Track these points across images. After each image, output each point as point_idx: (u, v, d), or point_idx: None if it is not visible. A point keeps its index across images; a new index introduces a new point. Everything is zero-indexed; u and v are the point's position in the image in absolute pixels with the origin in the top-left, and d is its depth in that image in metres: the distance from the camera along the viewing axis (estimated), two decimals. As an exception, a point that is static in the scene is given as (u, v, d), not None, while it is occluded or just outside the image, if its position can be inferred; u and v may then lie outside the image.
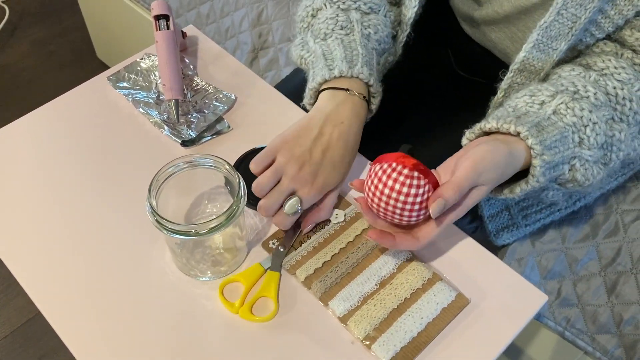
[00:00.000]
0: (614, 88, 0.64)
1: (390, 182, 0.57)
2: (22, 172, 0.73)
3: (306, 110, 0.73)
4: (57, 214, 0.69)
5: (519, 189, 0.62)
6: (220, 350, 0.59)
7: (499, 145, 0.59)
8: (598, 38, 0.68)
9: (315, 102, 0.70)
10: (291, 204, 0.64)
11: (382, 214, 0.60)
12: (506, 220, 0.84)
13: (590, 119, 0.61)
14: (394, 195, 0.57)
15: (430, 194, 0.58)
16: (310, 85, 0.70)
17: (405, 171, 0.57)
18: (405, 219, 0.59)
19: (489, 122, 0.62)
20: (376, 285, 0.63)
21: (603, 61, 0.66)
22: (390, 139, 0.85)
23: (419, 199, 0.57)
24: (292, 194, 0.64)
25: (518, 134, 0.60)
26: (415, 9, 0.75)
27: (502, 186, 0.64)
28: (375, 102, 0.71)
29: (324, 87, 0.69)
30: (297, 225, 0.66)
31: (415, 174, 0.57)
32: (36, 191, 0.71)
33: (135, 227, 0.68)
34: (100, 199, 0.70)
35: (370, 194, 0.59)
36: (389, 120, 0.84)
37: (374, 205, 0.60)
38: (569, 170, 0.62)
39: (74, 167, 0.73)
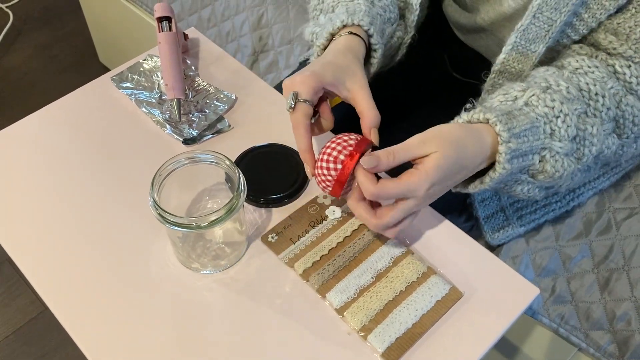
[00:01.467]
0: (587, 84, 0.64)
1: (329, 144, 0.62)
2: (27, 171, 0.75)
3: None
4: (63, 211, 0.71)
5: (489, 178, 0.61)
6: (220, 341, 0.61)
7: (454, 124, 0.61)
8: (574, 40, 0.70)
9: None
10: (287, 100, 0.63)
11: (319, 172, 0.62)
12: (501, 221, 0.85)
13: (561, 110, 0.62)
14: (327, 151, 0.62)
15: (355, 148, 0.61)
16: (317, 43, 0.70)
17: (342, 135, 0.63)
18: (333, 170, 0.61)
19: (461, 117, 0.63)
20: (372, 278, 0.64)
21: (577, 61, 0.67)
22: (387, 139, 0.86)
23: (342, 149, 0.61)
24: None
25: (487, 121, 0.60)
26: (417, 11, 0.78)
27: (473, 178, 0.64)
28: (376, 56, 0.71)
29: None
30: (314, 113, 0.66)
31: (350, 135, 0.62)
32: (41, 189, 0.73)
33: (138, 222, 0.69)
34: (104, 196, 0.72)
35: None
36: (386, 120, 0.86)
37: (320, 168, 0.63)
38: (540, 161, 0.62)
39: (78, 165, 0.75)
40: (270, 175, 0.73)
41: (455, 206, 0.91)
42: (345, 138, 0.62)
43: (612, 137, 0.67)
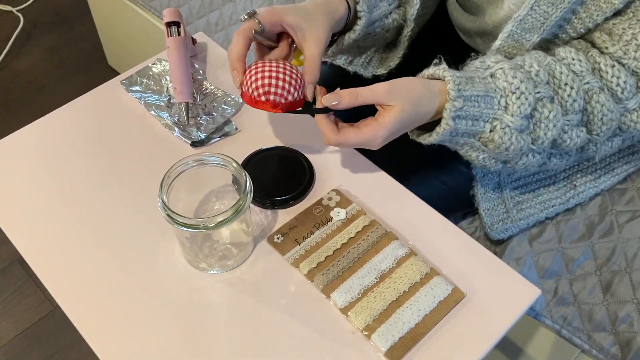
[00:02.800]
0: (561, 73, 0.67)
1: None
2: (38, 173, 0.76)
3: None
4: (73, 212, 0.72)
5: (435, 133, 0.66)
6: (226, 339, 0.62)
7: (419, 79, 0.66)
8: (572, 37, 0.72)
9: None
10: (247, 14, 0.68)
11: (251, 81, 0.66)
12: (502, 213, 0.86)
13: (518, 88, 0.65)
14: (273, 70, 0.66)
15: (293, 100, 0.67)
16: None
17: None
18: (276, 95, 0.66)
19: (427, 70, 0.68)
20: (376, 278, 0.65)
21: (564, 51, 0.70)
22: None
23: (292, 80, 0.66)
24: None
25: (444, 78, 0.65)
26: (417, 5, 0.80)
27: (425, 131, 0.69)
28: (360, 24, 0.75)
29: None
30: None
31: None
32: (52, 191, 0.74)
33: (147, 223, 0.71)
34: (114, 197, 0.73)
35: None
36: None
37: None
38: (490, 130, 0.66)
39: (88, 167, 0.77)
40: (276, 177, 0.74)
41: (458, 208, 0.92)
42: (292, 81, 0.66)
43: (579, 130, 0.70)
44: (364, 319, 0.62)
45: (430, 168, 0.86)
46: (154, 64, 0.88)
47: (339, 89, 0.66)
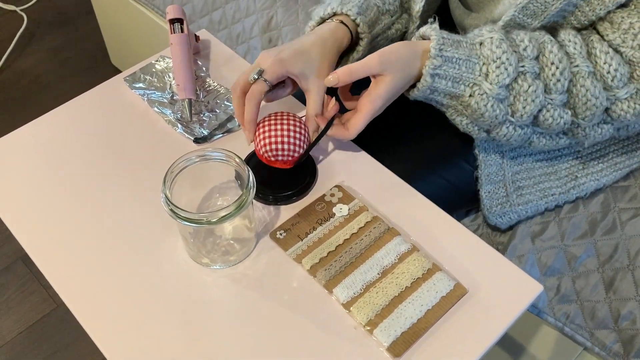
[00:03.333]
0: (550, 52, 0.69)
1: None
2: (42, 170, 0.77)
3: None
4: (76, 209, 0.73)
5: (416, 89, 0.70)
6: (229, 334, 0.62)
7: (406, 43, 0.69)
8: (576, 27, 0.73)
9: None
10: (253, 71, 0.71)
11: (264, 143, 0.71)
12: (502, 197, 0.87)
13: (499, 58, 0.68)
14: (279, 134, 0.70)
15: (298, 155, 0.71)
16: (309, 23, 0.79)
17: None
18: (285, 152, 0.70)
19: (419, 31, 0.71)
20: (378, 274, 0.66)
21: (564, 33, 0.72)
22: (392, 136, 0.88)
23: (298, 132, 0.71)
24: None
25: (430, 37, 0.69)
26: (422, 2, 0.81)
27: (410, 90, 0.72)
28: (362, 44, 0.79)
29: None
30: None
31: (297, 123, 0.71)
32: (56, 188, 0.75)
33: (150, 219, 0.71)
34: (117, 193, 0.74)
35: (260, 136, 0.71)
36: (394, 118, 0.87)
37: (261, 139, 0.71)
38: (470, 95, 0.69)
39: (91, 163, 0.77)
40: (278, 173, 0.74)
41: (461, 205, 0.92)
42: (297, 136, 0.71)
43: (563, 111, 0.72)
44: (367, 314, 0.62)
45: (433, 165, 0.87)
46: (157, 60, 0.88)
47: (337, 108, 0.73)
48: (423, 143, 0.71)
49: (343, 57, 0.82)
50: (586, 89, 0.70)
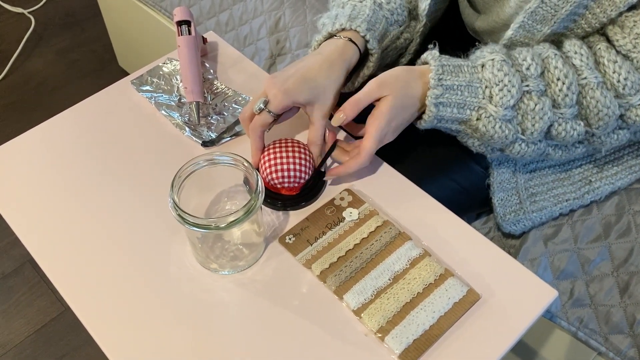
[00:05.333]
0: (555, 68, 0.69)
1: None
2: (49, 173, 0.76)
3: None
4: (83, 212, 0.72)
5: (422, 120, 0.71)
6: (238, 341, 0.62)
7: (404, 67, 0.70)
8: (587, 31, 0.72)
9: None
10: (258, 102, 0.70)
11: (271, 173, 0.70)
12: (515, 204, 0.85)
13: (502, 81, 0.68)
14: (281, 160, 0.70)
15: (302, 181, 0.71)
16: (316, 37, 0.77)
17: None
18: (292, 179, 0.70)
19: (421, 59, 0.72)
20: (389, 279, 0.64)
21: (569, 44, 0.71)
22: (402, 139, 0.87)
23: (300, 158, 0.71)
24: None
25: (430, 65, 0.69)
26: (428, 1, 0.80)
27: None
28: (372, 60, 0.78)
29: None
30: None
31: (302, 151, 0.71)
32: (62, 191, 0.74)
33: (157, 223, 0.70)
34: (125, 197, 0.73)
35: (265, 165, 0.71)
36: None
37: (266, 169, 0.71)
38: (477, 119, 0.70)
39: (98, 167, 0.76)
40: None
41: (472, 208, 0.91)
42: (301, 163, 0.71)
43: (575, 123, 0.71)
44: (378, 321, 0.61)
45: (443, 167, 0.85)
46: (164, 63, 0.88)
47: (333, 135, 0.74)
48: (433, 145, 0.70)
49: (353, 73, 0.80)
50: (596, 100, 0.69)
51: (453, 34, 0.94)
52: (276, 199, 0.71)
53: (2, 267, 1.46)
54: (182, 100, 0.83)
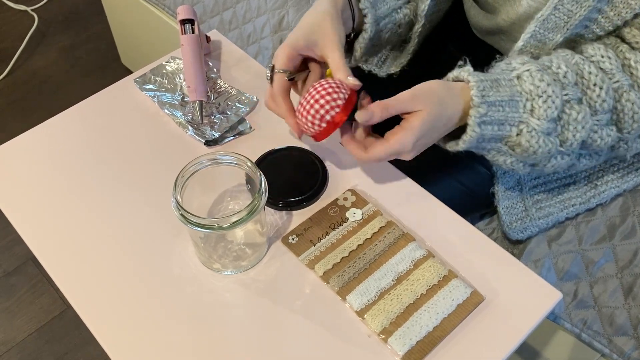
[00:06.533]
0: (590, 73, 0.66)
1: (318, 87, 0.66)
2: (51, 171, 0.76)
3: None
4: (86, 211, 0.72)
5: (462, 140, 0.66)
6: (240, 341, 0.61)
7: (440, 81, 0.66)
8: (600, 35, 0.70)
9: None
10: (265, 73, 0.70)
11: (305, 112, 0.66)
12: (520, 212, 0.85)
13: (545, 91, 0.64)
14: (316, 103, 0.66)
15: (344, 100, 0.66)
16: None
17: (330, 80, 0.67)
18: (323, 122, 0.66)
19: (452, 73, 0.67)
20: (393, 281, 0.64)
21: (593, 49, 0.68)
22: None
23: (335, 97, 0.65)
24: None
25: (468, 82, 0.64)
26: (429, 1, 0.79)
27: (452, 139, 0.68)
28: (367, 21, 0.75)
29: None
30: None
31: (334, 85, 0.66)
32: (65, 189, 0.74)
33: (160, 223, 0.70)
34: (127, 197, 0.73)
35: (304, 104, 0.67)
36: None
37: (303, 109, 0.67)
38: (517, 134, 0.66)
39: (101, 166, 0.76)
40: (289, 178, 0.73)
41: (476, 209, 0.91)
42: (331, 90, 0.66)
43: (609, 129, 0.68)
44: (381, 322, 0.61)
45: (447, 168, 0.85)
46: (167, 62, 0.87)
47: (369, 100, 0.67)
48: (437, 146, 0.69)
49: (353, 43, 0.78)
50: (632, 103, 0.67)
51: (456, 34, 0.93)
52: (279, 199, 0.71)
53: (5, 265, 1.47)
54: (185, 99, 0.83)
